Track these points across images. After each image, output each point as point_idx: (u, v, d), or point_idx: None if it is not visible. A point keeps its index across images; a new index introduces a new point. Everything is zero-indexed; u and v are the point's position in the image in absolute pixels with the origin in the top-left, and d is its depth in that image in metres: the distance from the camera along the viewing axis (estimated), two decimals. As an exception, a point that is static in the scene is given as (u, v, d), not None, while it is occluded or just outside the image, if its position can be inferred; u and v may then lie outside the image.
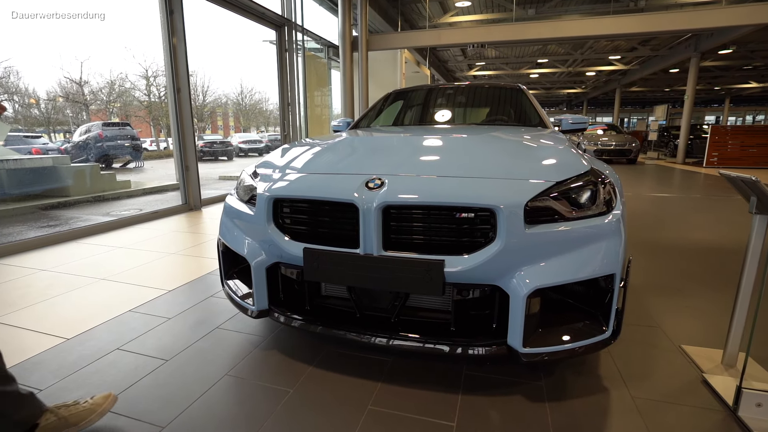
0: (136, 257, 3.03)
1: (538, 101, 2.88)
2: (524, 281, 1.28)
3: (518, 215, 1.27)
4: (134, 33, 33.60)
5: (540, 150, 1.67)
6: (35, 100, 18.11)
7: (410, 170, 1.45)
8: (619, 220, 1.39)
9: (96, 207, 5.67)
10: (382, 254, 1.36)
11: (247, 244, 1.65)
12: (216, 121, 36.34)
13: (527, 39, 7.27)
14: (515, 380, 1.50)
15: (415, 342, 1.39)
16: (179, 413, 1.34)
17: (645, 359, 1.65)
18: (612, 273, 1.34)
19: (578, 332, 1.36)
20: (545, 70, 17.50)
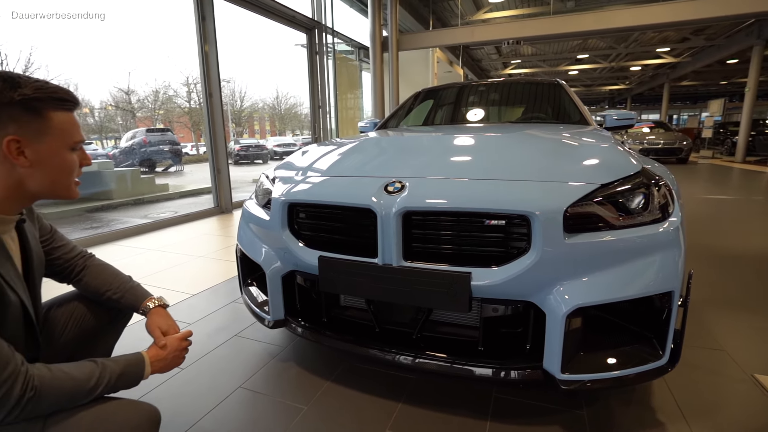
0: (165, 260, 3.07)
1: (579, 97, 2.66)
2: (563, 298, 1.12)
3: (556, 222, 1.11)
4: (175, 42, 35.35)
5: (582, 149, 1.49)
6: (89, 109, 19.36)
7: (434, 173, 1.32)
8: (678, 228, 1.20)
9: (135, 210, 5.90)
10: (402, 265, 1.24)
11: (263, 251, 1.58)
12: (253, 125, 37.49)
13: (566, 33, 6.89)
14: (551, 407, 1.34)
15: (442, 362, 1.26)
16: (190, 426, 1.28)
17: (709, 390, 1.43)
18: (669, 290, 1.15)
19: (628, 357, 1.18)
20: (585, 66, 16.70)
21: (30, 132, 0.78)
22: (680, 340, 1.20)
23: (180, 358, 1.03)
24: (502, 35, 7.15)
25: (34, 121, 0.78)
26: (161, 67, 30.35)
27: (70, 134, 0.84)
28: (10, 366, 0.71)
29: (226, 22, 8.22)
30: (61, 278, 1.12)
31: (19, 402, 0.71)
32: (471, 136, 1.81)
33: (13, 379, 0.70)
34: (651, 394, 1.40)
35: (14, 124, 0.77)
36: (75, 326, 1.12)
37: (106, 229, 4.13)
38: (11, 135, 0.76)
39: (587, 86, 23.68)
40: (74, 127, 0.86)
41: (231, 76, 33.63)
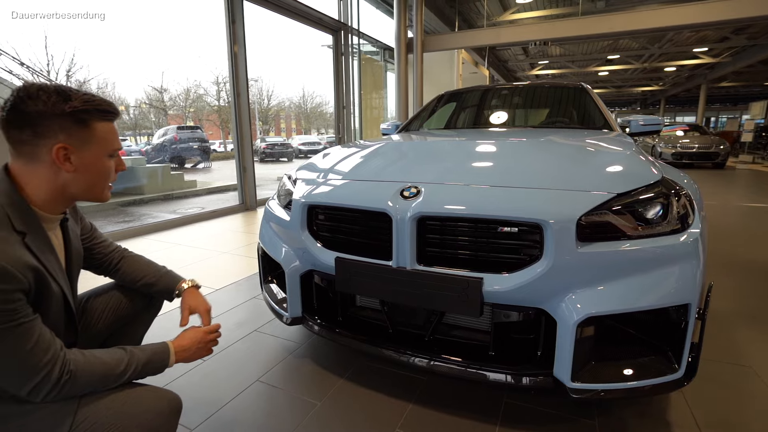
0: (191, 255, 3.20)
1: (607, 100, 2.62)
2: (575, 307, 1.12)
3: (569, 231, 1.11)
4: (206, 43, 36.41)
5: (601, 156, 1.48)
6: (124, 107, 20.19)
7: (449, 179, 1.34)
8: (697, 239, 1.18)
9: (165, 205, 6.14)
10: (415, 268, 1.26)
11: (283, 250, 1.64)
12: (279, 123, 38.14)
13: (595, 34, 6.70)
14: (562, 415, 1.33)
15: (454, 365, 1.28)
16: (208, 417, 1.35)
17: (731, 406, 1.39)
18: (686, 302, 1.13)
19: (642, 369, 1.17)
20: (616, 67, 16.19)
21: (77, 140, 0.86)
22: (697, 353, 1.17)
23: (205, 350, 1.09)
24: (529, 37, 7.03)
25: (81, 131, 0.86)
26: (193, 66, 31.37)
27: (110, 143, 0.92)
28: (51, 350, 0.78)
29: (256, 23, 8.40)
30: (99, 271, 1.21)
31: (57, 383, 0.78)
32: (488, 142, 1.81)
33: (53, 362, 0.78)
34: (668, 407, 1.38)
35: (63, 133, 0.84)
36: (111, 314, 1.21)
37: (138, 223, 4.33)
38: (61, 143, 0.84)
39: (618, 87, 22.94)
40: (114, 136, 0.94)
41: (259, 75, 34.34)
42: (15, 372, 0.76)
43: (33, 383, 0.76)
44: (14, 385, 0.77)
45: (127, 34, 29.55)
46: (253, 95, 27.41)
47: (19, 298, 0.76)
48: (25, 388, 0.76)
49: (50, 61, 13.34)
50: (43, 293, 0.83)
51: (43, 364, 0.76)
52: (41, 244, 0.86)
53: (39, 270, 0.81)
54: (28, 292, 0.78)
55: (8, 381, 0.77)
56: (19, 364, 0.75)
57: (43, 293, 0.83)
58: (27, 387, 0.76)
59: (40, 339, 0.77)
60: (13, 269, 0.74)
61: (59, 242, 0.98)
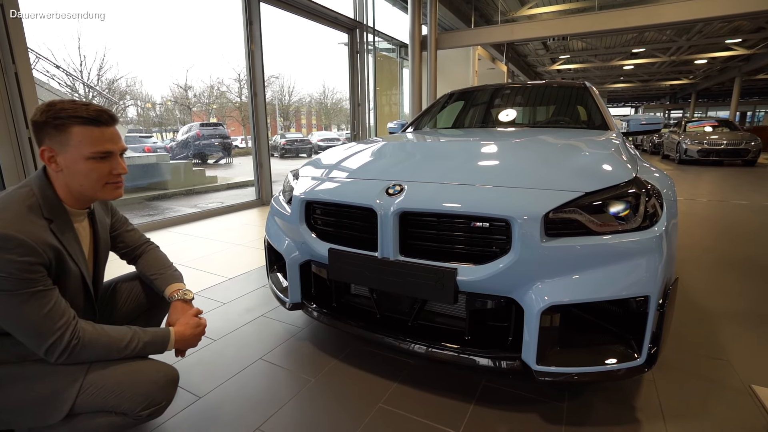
0: (208, 246, 3.41)
1: (633, 95, 2.68)
2: (540, 296, 1.23)
3: (535, 227, 1.21)
4: (229, 41, 37.18)
5: (578, 157, 1.56)
6: (150, 104, 20.95)
7: (431, 177, 1.46)
8: (661, 236, 1.26)
9: (187, 199, 6.45)
10: (398, 259, 1.39)
11: (285, 242, 1.79)
12: (300, 120, 38.63)
13: (612, 29, 6.59)
14: (535, 398, 1.44)
15: (430, 347, 1.40)
16: (215, 387, 1.51)
17: (699, 396, 1.46)
18: (645, 294, 1.22)
19: (604, 355, 1.26)
20: (642, 61, 15.71)
21: (57, 144, 0.99)
22: (658, 342, 1.26)
23: (198, 339, 1.24)
24: (544, 33, 6.97)
25: (59, 135, 0.99)
26: (216, 64, 32.18)
27: (87, 146, 0.99)
28: (65, 317, 0.95)
29: (279, 22, 8.62)
30: (125, 259, 1.39)
31: (68, 346, 0.95)
32: (473, 143, 1.92)
33: (65, 327, 0.95)
34: (636, 394, 1.46)
35: (47, 138, 0.99)
36: (133, 301, 1.38)
37: (160, 217, 4.60)
38: (44, 146, 1.00)
39: (644, 81, 22.20)
40: (93, 140, 1.00)
41: (280, 71, 34.83)
42: (33, 333, 0.93)
43: (48, 343, 0.93)
44: (33, 345, 0.95)
45: (154, 34, 30.51)
46: (275, 92, 27.87)
47: (39, 270, 0.93)
48: (42, 347, 0.94)
49: (83, 61, 13.99)
50: (62, 270, 1.01)
51: (56, 327, 0.94)
52: (66, 230, 1.03)
53: (59, 250, 0.99)
54: (49, 267, 0.96)
55: (28, 340, 0.95)
56: (37, 325, 0.92)
57: (63, 270, 1.01)
58: (43, 346, 0.94)
59: (55, 306, 0.95)
60: (34, 244, 0.92)
61: (86, 233, 1.15)
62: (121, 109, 19.04)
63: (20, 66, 2.96)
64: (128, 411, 1.01)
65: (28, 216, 0.95)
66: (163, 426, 1.32)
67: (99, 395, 1.00)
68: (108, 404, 1.00)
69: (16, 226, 0.91)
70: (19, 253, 0.89)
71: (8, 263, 0.89)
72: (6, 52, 2.89)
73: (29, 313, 0.92)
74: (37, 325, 0.93)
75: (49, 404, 0.97)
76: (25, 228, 0.92)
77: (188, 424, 1.32)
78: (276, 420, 1.34)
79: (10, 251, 0.89)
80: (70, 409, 0.97)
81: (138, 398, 1.02)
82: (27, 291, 0.91)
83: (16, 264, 0.89)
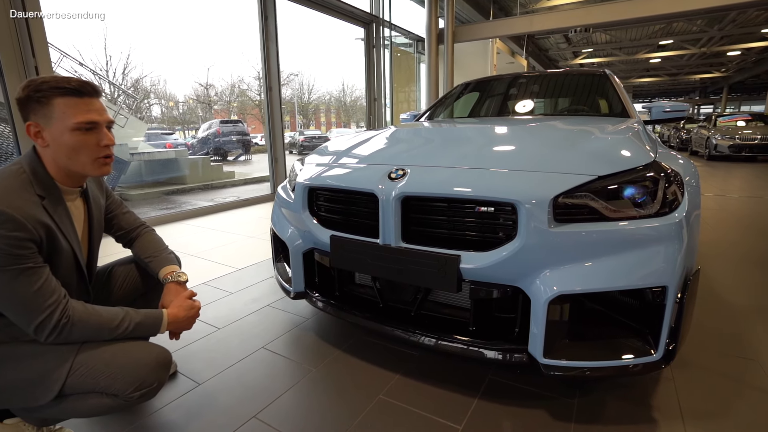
0: (221, 238, 3.44)
1: (661, 90, 2.55)
2: (547, 285, 1.16)
3: (542, 211, 1.14)
4: (249, 40, 37.74)
5: (593, 140, 1.48)
6: (173, 102, 21.46)
7: (435, 161, 1.40)
8: (681, 223, 1.17)
9: (204, 194, 6.55)
10: (400, 246, 1.34)
11: (288, 230, 1.77)
12: (319, 117, 38.89)
13: (638, 18, 6.32)
14: (543, 393, 1.37)
15: (431, 338, 1.35)
16: (215, 375, 1.50)
17: (723, 396, 1.36)
18: (663, 285, 1.13)
19: (616, 350, 1.19)
20: (670, 53, 15.12)
21: (42, 118, 0.98)
22: (676, 337, 1.17)
23: (192, 321, 1.20)
24: (565, 23, 6.75)
25: (43, 108, 0.97)
26: (236, 62, 32.67)
27: (71, 116, 0.97)
28: (55, 295, 0.94)
29: (297, 20, 8.65)
30: (120, 242, 1.38)
31: (57, 325, 0.94)
32: (483, 128, 1.85)
33: (56, 305, 0.94)
34: (653, 393, 1.37)
35: (32, 113, 0.98)
36: (130, 284, 1.37)
37: (176, 209, 4.67)
38: (30, 121, 0.98)
39: (673, 75, 21.37)
40: (77, 110, 0.97)
41: (299, 69, 35.11)
42: (22, 310, 0.92)
43: (37, 321, 0.92)
44: (23, 323, 0.94)
45: (177, 33, 31.23)
46: (294, 90, 28.13)
47: (29, 247, 0.92)
48: (31, 325, 0.93)
49: (108, 60, 14.43)
50: (54, 248, 1.00)
51: (46, 305, 0.93)
52: (57, 208, 1.02)
53: (50, 227, 0.98)
54: (40, 244, 0.95)
55: (18, 318, 0.94)
56: (26, 303, 0.92)
57: (54, 248, 1.00)
58: (33, 324, 0.93)
59: (45, 284, 0.94)
60: (25, 221, 0.91)
61: (80, 212, 1.14)
62: (146, 108, 19.57)
63: (40, 60, 3.04)
64: (119, 392, 1.00)
65: (18, 192, 0.94)
66: (161, 411, 1.31)
67: (90, 376, 0.99)
68: (99, 385, 0.99)
69: (6, 201, 0.90)
70: (8, 228, 0.89)
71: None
72: (27, 48, 2.97)
73: (19, 290, 0.91)
74: (26, 303, 0.92)
75: (40, 385, 0.97)
76: (14, 204, 0.91)
77: (185, 409, 1.31)
78: (273, 408, 1.31)
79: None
80: (60, 389, 0.96)
81: (129, 379, 1.00)
82: (16, 267, 0.90)
83: (5, 239, 0.88)
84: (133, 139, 6.72)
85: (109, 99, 12.32)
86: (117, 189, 6.37)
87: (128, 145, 6.37)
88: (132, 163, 6.51)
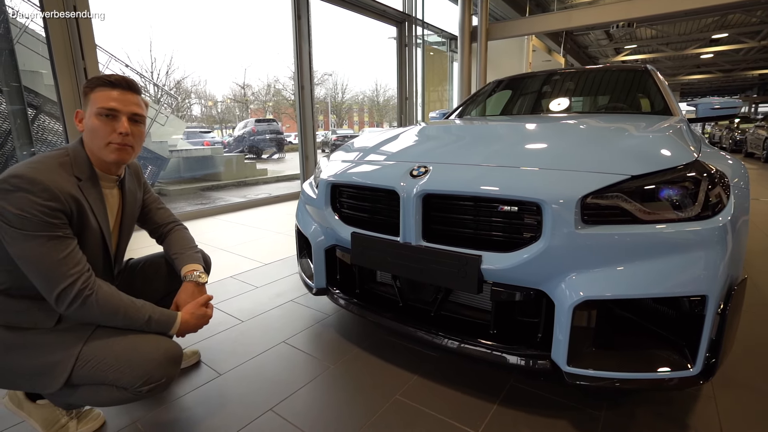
0: (251, 233, 3.53)
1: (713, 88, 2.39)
2: (573, 289, 1.10)
3: (569, 211, 1.08)
4: (284, 40, 38.57)
5: (628, 138, 1.39)
6: (212, 102, 22.30)
7: (457, 159, 1.36)
8: (725, 227, 1.08)
9: (237, 190, 6.76)
10: (420, 244, 1.32)
11: (312, 226, 1.78)
12: (352, 116, 39.25)
13: (686, 10, 5.92)
14: (568, 403, 1.30)
15: (452, 340, 1.31)
16: (236, 366, 1.53)
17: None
18: (702, 294, 1.05)
19: (648, 361, 1.11)
20: (724, 48, 14.10)
21: (84, 106, 1.10)
22: (717, 351, 1.08)
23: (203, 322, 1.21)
24: (605, 18, 6.43)
25: (86, 98, 1.09)
26: (272, 63, 33.56)
27: (97, 102, 1.06)
28: (79, 266, 0.99)
29: (333, 21, 8.77)
30: (153, 237, 1.43)
31: (79, 295, 0.97)
32: (512, 125, 1.79)
33: (78, 275, 0.98)
34: (690, 412, 1.28)
35: (83, 104, 1.10)
36: (158, 280, 1.39)
37: (210, 205, 4.84)
38: (79, 109, 1.11)
39: (727, 72, 19.96)
40: (105, 98, 1.06)
41: (334, 69, 35.56)
42: (47, 275, 0.96)
43: (60, 288, 0.96)
44: (46, 289, 0.97)
45: (216, 35, 32.36)
46: (328, 89, 28.52)
47: (60, 217, 0.98)
48: (54, 291, 0.96)
49: (153, 62, 15.18)
50: (83, 225, 1.05)
51: (70, 273, 0.97)
52: (93, 191, 1.08)
53: (82, 204, 1.03)
54: (71, 217, 1.01)
55: (41, 283, 0.97)
56: (51, 268, 0.96)
57: (84, 225, 1.05)
58: (55, 291, 0.96)
59: (72, 253, 0.99)
60: (58, 192, 0.97)
61: (114, 200, 1.19)
62: (186, 108, 20.43)
63: (89, 62, 3.23)
64: (128, 386, 1.01)
65: (58, 170, 1.01)
66: (182, 399, 1.35)
67: (98, 368, 1.00)
68: (108, 378, 1.01)
69: (43, 174, 0.97)
70: (44, 197, 0.95)
71: (32, 204, 0.93)
72: (77, 50, 3.17)
73: (45, 255, 0.95)
74: (51, 268, 0.96)
75: (47, 374, 1.00)
76: (51, 177, 0.98)
77: (203, 399, 1.34)
78: (289, 402, 1.32)
79: (35, 194, 0.94)
80: (66, 380, 1.00)
81: (137, 373, 1.01)
82: (46, 234, 0.95)
83: (39, 207, 0.94)
84: (172, 137, 7.04)
85: (153, 99, 12.95)
86: (156, 184, 6.68)
87: (168, 142, 6.67)
88: (171, 160, 6.82)
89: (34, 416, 1.17)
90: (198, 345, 1.67)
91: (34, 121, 4.99)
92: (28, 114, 4.37)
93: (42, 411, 1.17)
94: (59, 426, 1.16)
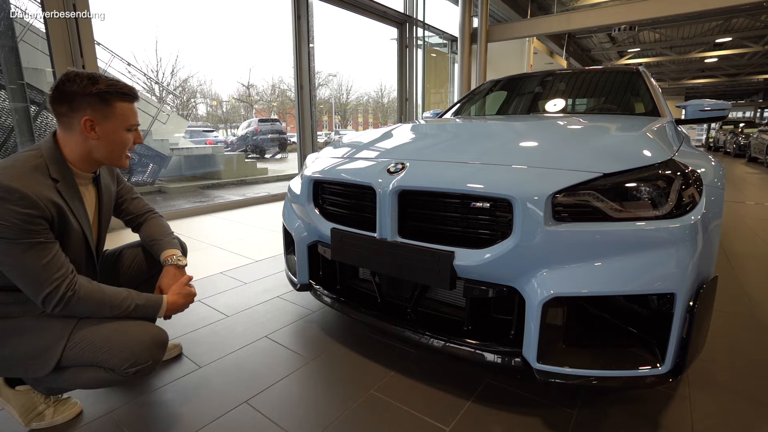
0: (244, 231, 3.55)
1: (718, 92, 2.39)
2: (543, 286, 1.10)
3: (538, 209, 1.09)
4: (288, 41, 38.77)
5: (604, 137, 1.39)
6: (217, 102, 22.43)
7: (434, 156, 1.37)
8: (693, 226, 1.08)
9: (236, 189, 6.79)
10: (396, 240, 1.32)
11: (295, 223, 1.79)
12: (357, 117, 39.32)
13: (688, 13, 5.90)
14: (541, 401, 1.30)
15: (423, 335, 1.32)
16: (216, 359, 1.55)
17: (746, 422, 1.24)
18: (670, 292, 1.05)
19: (619, 359, 1.11)
20: (728, 52, 14.02)
21: (100, 115, 1.08)
22: (686, 349, 1.08)
23: (188, 302, 1.26)
24: (606, 21, 6.41)
25: (104, 108, 1.08)
26: (276, 63, 33.72)
27: (128, 119, 1.14)
28: (63, 269, 1.00)
29: (337, 22, 8.82)
30: (128, 225, 1.45)
31: (63, 297, 1.00)
32: (495, 124, 1.79)
33: (63, 279, 0.99)
34: (663, 410, 1.27)
35: (90, 108, 1.07)
36: (136, 267, 1.43)
37: (207, 203, 4.87)
38: (88, 116, 1.07)
39: (731, 76, 19.83)
40: (131, 114, 1.15)
41: (338, 70, 35.67)
42: (31, 281, 0.99)
43: (45, 292, 0.99)
44: (31, 293, 1.00)
45: (222, 35, 32.55)
46: (333, 90, 28.59)
47: (41, 223, 0.99)
48: (39, 296, 0.99)
49: (159, 62, 15.30)
50: (65, 228, 1.06)
51: (54, 278, 0.99)
52: (70, 191, 1.09)
53: (62, 208, 1.04)
54: (51, 222, 1.01)
55: (27, 288, 1.00)
56: (35, 274, 0.98)
57: (65, 228, 1.06)
58: (40, 295, 0.99)
59: (54, 258, 1.00)
60: (36, 199, 0.97)
61: (91, 196, 1.21)
62: (191, 107, 20.56)
63: (87, 60, 3.27)
64: (115, 367, 1.05)
65: (33, 174, 1.01)
66: (161, 389, 1.36)
67: (89, 350, 1.05)
68: (97, 359, 1.05)
69: (21, 180, 0.97)
70: (22, 205, 0.95)
71: (11, 213, 0.95)
72: (76, 49, 3.20)
73: (29, 262, 0.97)
74: (35, 274, 0.98)
75: (38, 358, 1.03)
76: (28, 183, 0.98)
77: (180, 390, 1.36)
78: (265, 395, 1.34)
79: (13, 202, 0.95)
80: (57, 362, 1.03)
81: (125, 355, 1.05)
82: (27, 241, 0.97)
83: (18, 215, 0.95)
84: (174, 135, 7.09)
85: (156, 98, 13.03)
86: (157, 182, 6.72)
87: (169, 141, 6.73)
88: (172, 158, 6.87)
89: (12, 402, 1.19)
90: (181, 338, 1.69)
91: (36, 118, 5.05)
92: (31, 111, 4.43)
93: (20, 397, 1.19)
94: (36, 413, 1.18)
